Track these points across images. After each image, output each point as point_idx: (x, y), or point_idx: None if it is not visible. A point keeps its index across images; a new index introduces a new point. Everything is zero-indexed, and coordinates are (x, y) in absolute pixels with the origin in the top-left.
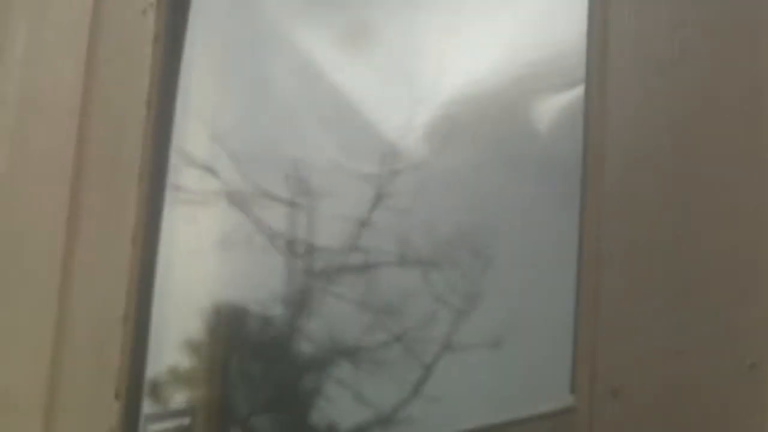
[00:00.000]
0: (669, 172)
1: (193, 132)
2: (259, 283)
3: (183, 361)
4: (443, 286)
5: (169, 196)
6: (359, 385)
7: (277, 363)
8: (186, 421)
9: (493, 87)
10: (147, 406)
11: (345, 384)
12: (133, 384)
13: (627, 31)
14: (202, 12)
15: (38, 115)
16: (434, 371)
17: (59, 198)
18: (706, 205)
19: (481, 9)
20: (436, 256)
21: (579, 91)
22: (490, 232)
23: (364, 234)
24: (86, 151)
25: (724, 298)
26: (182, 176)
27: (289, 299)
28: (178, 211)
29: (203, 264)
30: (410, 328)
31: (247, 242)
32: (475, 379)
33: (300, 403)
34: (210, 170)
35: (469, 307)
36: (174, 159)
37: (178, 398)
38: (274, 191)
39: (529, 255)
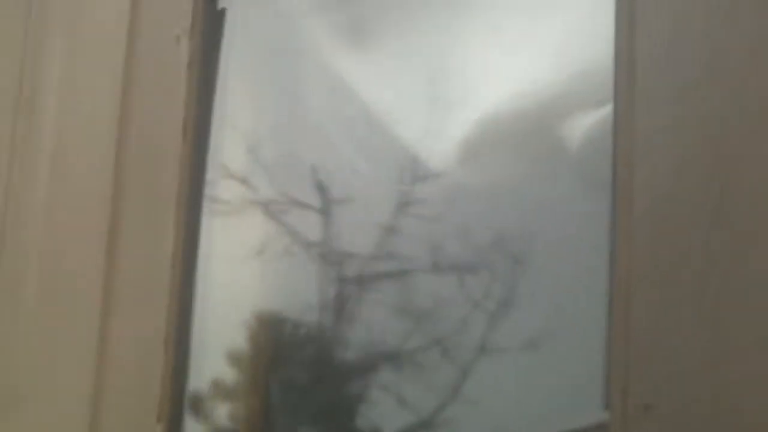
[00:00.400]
0: (700, 189)
1: (229, 144)
2: (297, 292)
3: (227, 373)
4: (478, 290)
5: (207, 207)
6: (400, 389)
7: (320, 371)
8: None
9: (524, 103)
10: (189, 426)
11: (387, 389)
12: (175, 405)
13: (655, 49)
14: (235, 37)
15: (76, 143)
16: (471, 374)
17: (98, 225)
18: (738, 220)
19: (514, 26)
20: (471, 261)
21: (609, 108)
22: (525, 239)
23: (398, 241)
24: (124, 178)
25: (759, 309)
26: (219, 188)
27: (327, 307)
28: (216, 223)
29: (242, 275)
30: (447, 333)
31: (283, 252)
32: (510, 382)
33: (344, 409)
34: (246, 182)
35: (504, 311)
36: (211, 171)
37: (221, 413)
38: (307, 200)
39: (563, 261)
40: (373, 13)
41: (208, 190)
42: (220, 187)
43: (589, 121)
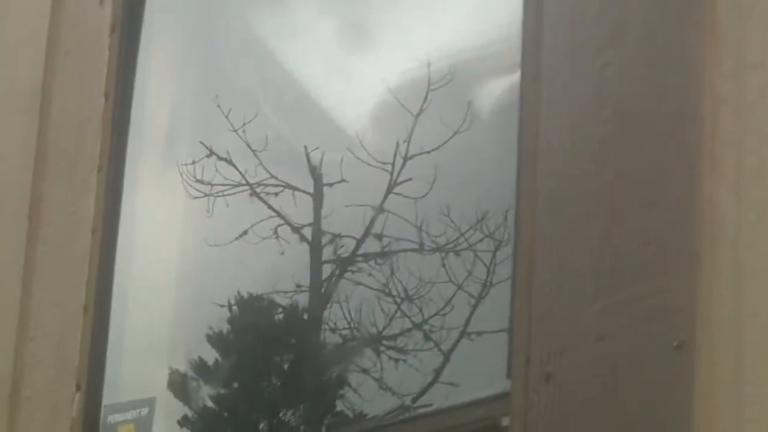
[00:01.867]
0: (601, 160)
1: (213, 125)
2: (279, 273)
3: (208, 354)
4: (461, 271)
5: (191, 188)
6: (382, 372)
7: (303, 352)
8: (144, 411)
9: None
10: (109, 394)
11: (369, 372)
12: (94, 374)
13: (559, 18)
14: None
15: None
16: (452, 357)
17: (21, 188)
18: (633, 193)
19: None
20: (452, 241)
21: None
22: (504, 217)
23: (382, 221)
24: (47, 142)
25: (651, 283)
26: (203, 169)
27: (310, 287)
28: (200, 204)
29: (226, 256)
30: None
31: (267, 233)
32: (489, 363)
33: (326, 391)
34: (230, 162)
35: (484, 293)
36: (196, 152)
37: (203, 394)
38: (292, 182)
39: None
40: None
41: (194, 171)
42: (204, 168)
43: (500, 87)
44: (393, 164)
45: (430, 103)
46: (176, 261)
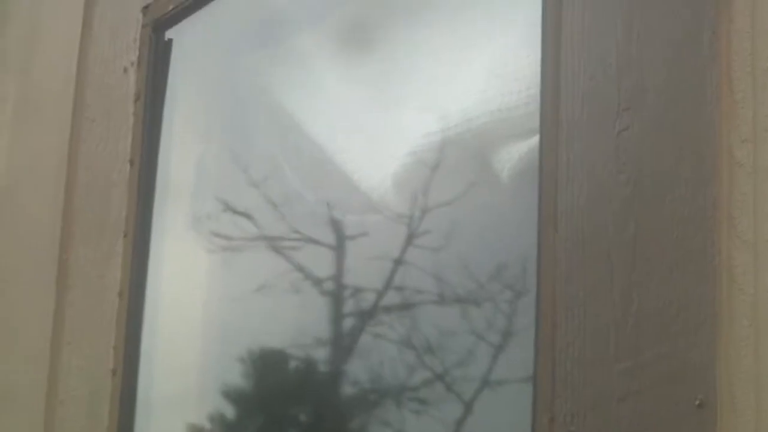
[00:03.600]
0: (620, 221)
1: (230, 180)
2: (300, 327)
3: (228, 410)
4: (481, 322)
5: (211, 243)
6: (404, 424)
7: (323, 406)
8: None
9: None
10: None
11: (390, 424)
12: None
13: (577, 82)
14: (182, 67)
15: (27, 176)
16: (474, 408)
17: (49, 253)
18: (653, 254)
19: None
20: (472, 292)
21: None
22: (524, 267)
23: (401, 273)
24: (73, 207)
25: (672, 343)
26: (221, 223)
27: (330, 341)
28: (219, 258)
29: (246, 310)
30: (450, 366)
31: (287, 286)
32: (512, 415)
33: None
34: (248, 216)
35: (506, 342)
36: (212, 206)
37: None
38: (310, 235)
39: None
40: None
41: (211, 226)
42: (222, 223)
43: (519, 151)
44: (411, 217)
45: (448, 159)
46: (202, 318)
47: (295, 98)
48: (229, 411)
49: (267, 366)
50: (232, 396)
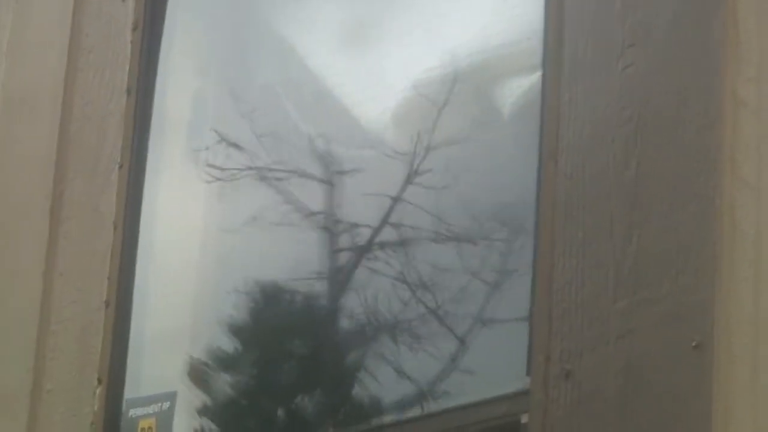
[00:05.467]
0: (622, 160)
1: (225, 112)
2: (297, 260)
3: (224, 343)
4: (478, 260)
5: (207, 175)
6: (399, 359)
7: (316, 340)
8: (166, 405)
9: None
10: (131, 388)
11: (385, 359)
12: (116, 369)
13: (581, 18)
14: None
15: (22, 103)
16: (469, 345)
17: (43, 184)
18: (654, 194)
19: None
20: (471, 231)
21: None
22: (524, 208)
23: (400, 210)
24: (69, 138)
25: (671, 284)
26: (216, 155)
27: (326, 275)
28: (214, 190)
29: (241, 242)
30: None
31: (282, 220)
32: (506, 352)
33: (342, 378)
34: (245, 149)
35: (503, 280)
36: (209, 138)
37: (219, 381)
38: (307, 169)
39: None
40: None
41: (206, 157)
42: (217, 154)
43: (521, 87)
44: (414, 154)
45: (449, 95)
46: (197, 251)
47: (296, 31)
48: (224, 344)
49: (262, 299)
50: (227, 329)
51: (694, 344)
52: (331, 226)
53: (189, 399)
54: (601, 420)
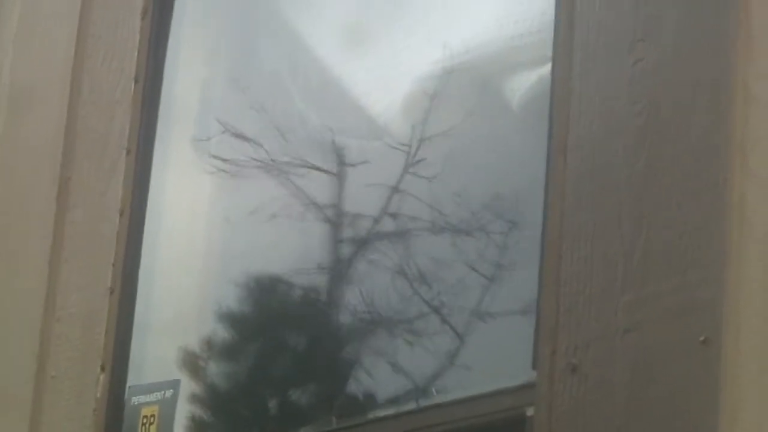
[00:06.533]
0: (629, 153)
1: (235, 102)
2: (301, 251)
3: (222, 333)
4: (479, 253)
5: (213, 165)
6: (396, 353)
7: (316, 331)
8: (169, 393)
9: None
10: (133, 376)
11: (382, 352)
12: (119, 357)
13: (592, 11)
14: None
15: (31, 89)
16: (467, 339)
17: (50, 169)
18: (664, 187)
19: None
20: (468, 223)
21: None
22: (521, 199)
23: (398, 201)
24: (76, 124)
25: (679, 277)
26: (224, 146)
27: (326, 266)
28: (220, 181)
29: (246, 233)
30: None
31: (288, 211)
32: (505, 346)
33: (338, 372)
34: (251, 140)
35: (500, 274)
36: (215, 128)
37: (215, 371)
38: (312, 160)
39: None
40: None
41: (211, 148)
42: (221, 146)
43: (530, 79)
44: (411, 145)
45: (457, 86)
46: (202, 241)
47: (305, 22)
48: (226, 334)
49: (264, 290)
50: (229, 319)
51: (702, 339)
52: (334, 217)
53: (189, 388)
54: (607, 414)
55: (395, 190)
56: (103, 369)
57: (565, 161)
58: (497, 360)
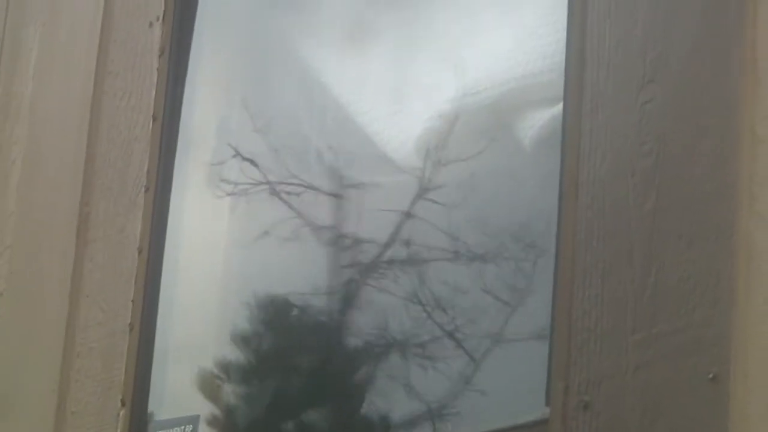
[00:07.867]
0: (641, 193)
1: (237, 125)
2: (305, 276)
3: (232, 355)
4: (493, 279)
5: (216, 188)
6: (410, 378)
7: (325, 357)
8: (189, 428)
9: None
10: (158, 412)
11: (396, 378)
12: (140, 392)
13: (602, 51)
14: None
15: (49, 127)
16: (483, 365)
17: (70, 205)
18: (673, 227)
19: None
20: (486, 249)
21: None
22: (541, 226)
23: (412, 227)
24: (95, 160)
25: (688, 316)
26: (227, 169)
27: (336, 292)
28: (224, 204)
29: (249, 256)
30: (460, 322)
31: (292, 235)
32: (522, 372)
33: (351, 397)
34: (254, 163)
35: (520, 300)
36: (220, 151)
37: (227, 393)
38: (318, 184)
39: None
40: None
41: (218, 171)
42: (228, 168)
43: (542, 117)
44: (423, 169)
45: (471, 124)
46: (221, 274)
47: (322, 58)
48: (243, 361)
49: (279, 314)
50: (246, 347)
51: (710, 376)
52: (343, 241)
53: (208, 414)
54: None
55: (408, 215)
56: (123, 403)
57: (576, 199)
58: (514, 385)
